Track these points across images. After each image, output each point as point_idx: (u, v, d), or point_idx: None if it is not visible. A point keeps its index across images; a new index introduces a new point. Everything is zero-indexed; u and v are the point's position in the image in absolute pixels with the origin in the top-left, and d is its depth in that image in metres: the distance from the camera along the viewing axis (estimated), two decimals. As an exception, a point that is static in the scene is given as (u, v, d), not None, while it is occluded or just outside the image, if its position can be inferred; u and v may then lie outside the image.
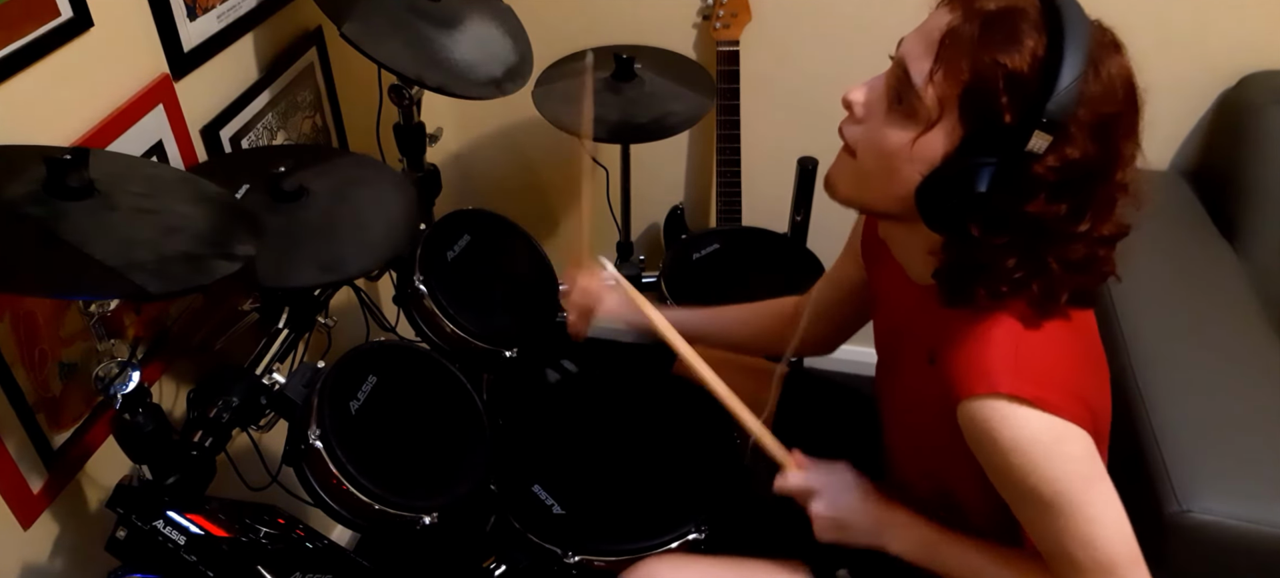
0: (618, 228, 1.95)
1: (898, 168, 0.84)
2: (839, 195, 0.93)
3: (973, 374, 0.84)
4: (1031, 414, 0.81)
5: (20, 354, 1.02)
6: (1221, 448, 1.24)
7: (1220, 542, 1.18)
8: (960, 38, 0.78)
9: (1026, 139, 0.76)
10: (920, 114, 0.81)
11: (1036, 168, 0.77)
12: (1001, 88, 0.76)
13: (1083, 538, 0.85)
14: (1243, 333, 1.43)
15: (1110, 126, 0.78)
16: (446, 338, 1.41)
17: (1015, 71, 0.76)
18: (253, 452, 1.24)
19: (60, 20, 1.02)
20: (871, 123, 0.87)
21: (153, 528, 1.05)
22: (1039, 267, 0.82)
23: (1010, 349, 0.84)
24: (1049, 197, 0.78)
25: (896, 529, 1.00)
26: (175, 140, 1.22)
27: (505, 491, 1.24)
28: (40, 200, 0.82)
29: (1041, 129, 0.75)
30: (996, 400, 0.82)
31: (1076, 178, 0.78)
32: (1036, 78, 0.76)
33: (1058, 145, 0.76)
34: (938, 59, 0.80)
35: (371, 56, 1.26)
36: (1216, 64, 1.70)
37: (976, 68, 0.77)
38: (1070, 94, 0.75)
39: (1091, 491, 0.85)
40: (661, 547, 1.17)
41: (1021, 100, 0.76)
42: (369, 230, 1.20)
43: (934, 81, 0.80)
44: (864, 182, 0.89)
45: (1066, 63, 0.75)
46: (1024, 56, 0.76)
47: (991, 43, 0.77)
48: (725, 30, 1.79)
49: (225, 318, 1.30)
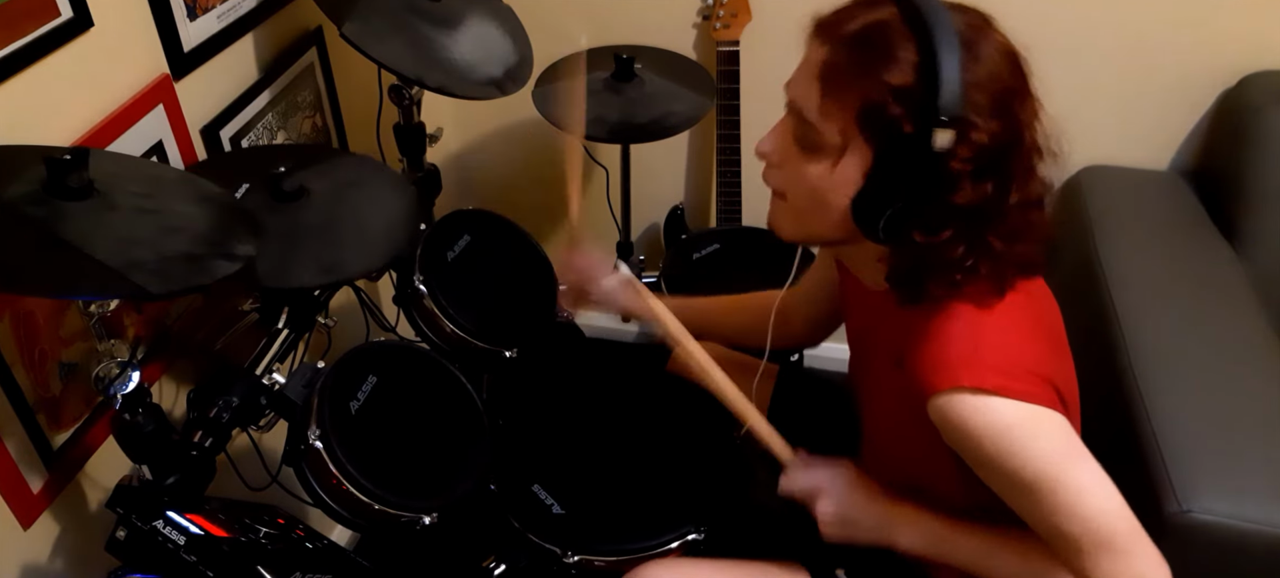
0: (618, 228, 1.95)
1: (826, 199, 0.88)
2: (785, 236, 0.97)
3: (935, 371, 0.86)
4: (998, 403, 0.83)
5: (20, 354, 1.02)
6: (1221, 448, 1.24)
7: (1220, 542, 1.18)
8: (838, 67, 0.82)
9: (930, 140, 0.78)
10: (826, 145, 0.85)
11: (952, 164, 0.79)
12: (890, 102, 0.79)
13: (1074, 515, 0.85)
14: (1243, 333, 1.43)
15: (1005, 100, 0.81)
16: (446, 338, 1.40)
17: (898, 84, 0.79)
18: (253, 452, 1.24)
19: (60, 20, 1.02)
20: (789, 166, 0.91)
21: (153, 528, 1.05)
22: (984, 248, 0.84)
23: (969, 342, 0.86)
24: (973, 183, 0.81)
25: (904, 525, 1.00)
26: (175, 140, 1.22)
27: (505, 491, 1.24)
28: (40, 200, 0.82)
29: (941, 127, 0.78)
30: (961, 394, 0.84)
31: (991, 158, 0.80)
32: (919, 82, 0.78)
33: (963, 135, 0.79)
34: (824, 94, 0.84)
35: (371, 56, 1.26)
36: (1216, 64, 1.70)
37: (861, 91, 0.81)
38: (956, 85, 0.77)
39: (1072, 467, 0.86)
40: (661, 547, 1.17)
41: (913, 107, 0.79)
42: (369, 231, 1.20)
43: (828, 114, 0.84)
44: (801, 218, 0.93)
45: (943, 59, 0.77)
46: (902, 67, 0.79)
47: (867, 63, 0.80)
48: (725, 30, 1.79)
49: (225, 318, 1.30)
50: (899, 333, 0.92)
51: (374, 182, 1.30)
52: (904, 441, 0.98)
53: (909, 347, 0.89)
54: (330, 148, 1.65)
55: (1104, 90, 1.76)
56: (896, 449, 1.04)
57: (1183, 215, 1.68)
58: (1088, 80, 1.74)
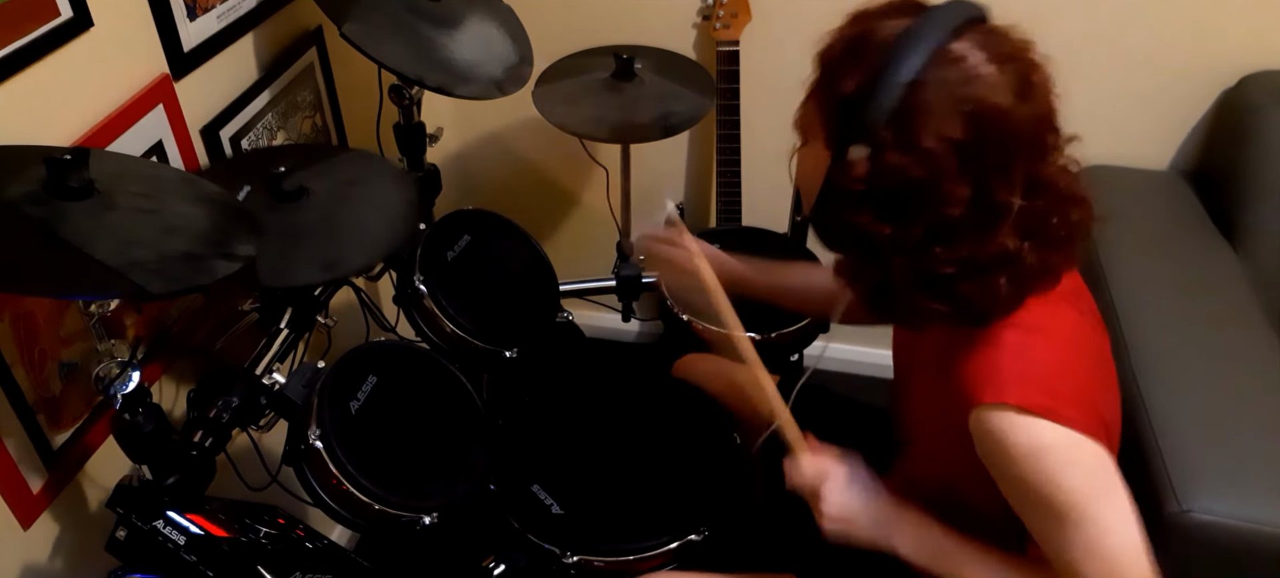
0: (618, 228, 1.95)
1: (805, 185, 0.91)
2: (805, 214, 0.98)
3: (982, 384, 0.84)
4: (1043, 425, 0.81)
5: (20, 354, 1.02)
6: (1221, 448, 1.24)
7: (1220, 542, 1.18)
8: (829, 59, 0.84)
9: (844, 151, 0.80)
10: (808, 135, 0.88)
11: (851, 180, 0.81)
12: (838, 107, 0.81)
13: (1094, 551, 0.84)
14: (1243, 333, 1.43)
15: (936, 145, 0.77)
16: (446, 338, 1.41)
17: (846, 93, 0.80)
18: (253, 452, 1.24)
19: (60, 20, 1.02)
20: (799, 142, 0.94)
21: (153, 528, 1.05)
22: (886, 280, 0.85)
23: (1020, 358, 0.84)
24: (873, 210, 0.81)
25: (906, 530, 0.99)
26: (175, 140, 1.22)
27: (505, 491, 1.24)
28: (40, 200, 0.82)
29: (858, 141, 0.79)
30: (1006, 411, 0.82)
31: (894, 193, 0.80)
32: (862, 95, 0.78)
33: (872, 157, 0.79)
34: (814, 82, 0.86)
35: (371, 56, 1.26)
36: (1216, 64, 1.70)
37: (829, 90, 0.82)
38: (882, 107, 0.77)
39: (1105, 503, 0.84)
40: (661, 547, 1.18)
41: (848, 117, 0.80)
42: (369, 227, 1.20)
43: (808, 106, 0.86)
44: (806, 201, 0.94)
45: (887, 75, 0.76)
46: (857, 76, 0.79)
47: (844, 64, 0.81)
48: (725, 30, 1.79)
49: (225, 318, 1.30)
50: (945, 343, 0.90)
51: (374, 177, 1.30)
52: (944, 452, 0.96)
53: (955, 358, 0.88)
54: (330, 146, 1.65)
55: (1104, 90, 1.76)
56: (936, 460, 1.02)
57: (1183, 215, 1.68)
58: (1088, 80, 1.74)
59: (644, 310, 2.00)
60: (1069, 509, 0.83)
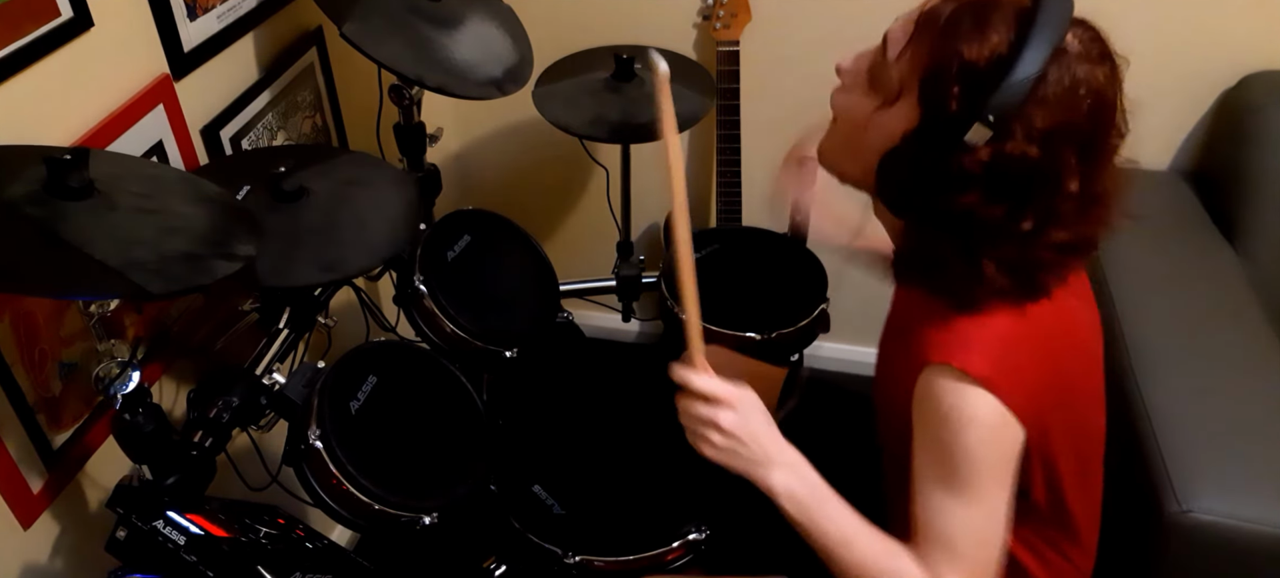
0: (618, 228, 1.95)
1: (863, 139, 0.86)
2: (823, 162, 0.95)
3: (936, 345, 0.85)
4: (980, 394, 0.82)
5: (20, 354, 1.02)
6: (1221, 448, 1.24)
7: (1220, 542, 1.18)
8: (933, 21, 0.80)
9: (965, 130, 0.76)
10: (886, 88, 0.83)
11: (967, 161, 0.77)
12: (954, 75, 0.77)
13: (975, 529, 0.85)
14: (1243, 333, 1.43)
15: (1060, 135, 0.77)
16: (446, 338, 1.41)
17: (970, 61, 0.76)
18: (253, 452, 1.24)
19: (60, 20, 1.02)
20: (852, 92, 0.89)
21: (153, 528, 1.05)
22: (974, 266, 0.82)
23: (984, 330, 0.84)
24: (984, 194, 0.79)
25: (785, 469, 0.93)
26: (175, 140, 1.22)
27: (505, 491, 1.24)
28: (40, 200, 0.82)
29: (982, 122, 0.75)
30: (950, 372, 0.83)
31: (1013, 178, 0.78)
32: (990, 71, 0.75)
33: (996, 141, 0.76)
34: (910, 39, 0.81)
35: (371, 56, 1.26)
36: (1216, 64, 1.70)
37: (936, 53, 0.78)
38: (1018, 92, 0.74)
39: (999, 490, 0.85)
40: (661, 547, 1.18)
41: (970, 91, 0.76)
42: (369, 229, 1.20)
43: (902, 59, 0.82)
44: (838, 149, 0.92)
45: (1023, 59, 0.74)
46: (983, 48, 0.76)
47: (958, 31, 0.77)
48: (725, 30, 1.79)
49: (225, 318, 1.30)
50: (915, 308, 0.91)
51: (374, 179, 1.30)
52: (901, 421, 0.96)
53: (919, 320, 0.89)
54: (330, 147, 1.65)
55: (1104, 90, 1.76)
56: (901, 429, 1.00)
57: (1183, 215, 1.68)
58: (1088, 80, 1.74)
59: (644, 310, 2.00)
60: (970, 484, 0.84)
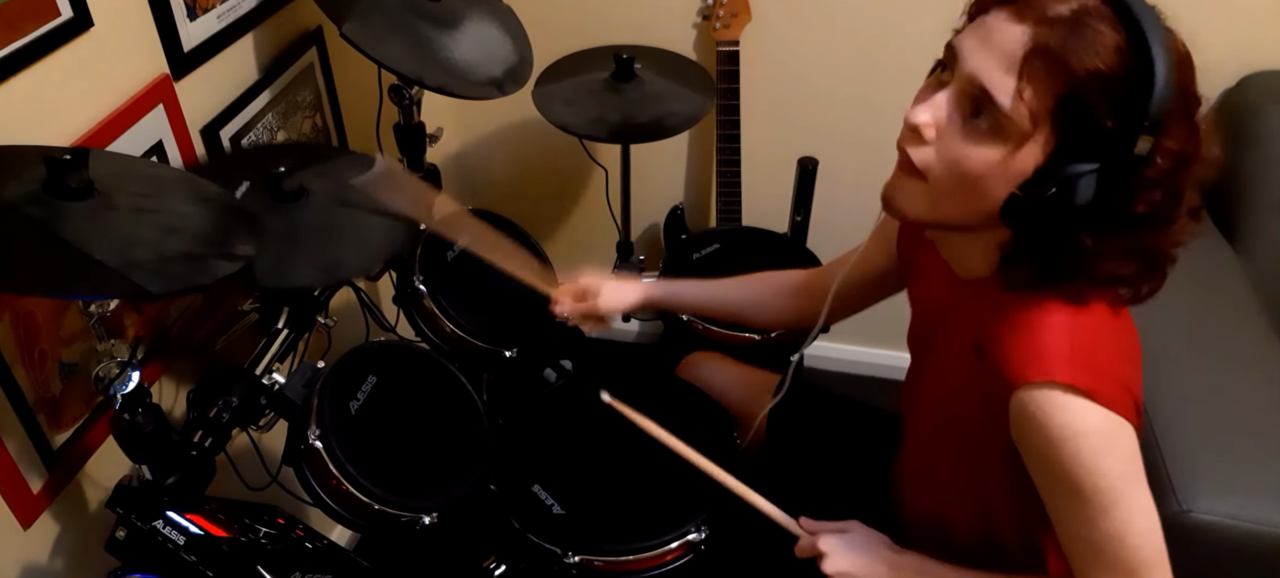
0: (618, 228, 1.95)
1: (985, 187, 0.81)
2: (909, 215, 0.89)
3: (1028, 363, 0.83)
4: (1086, 406, 0.81)
5: (20, 354, 1.02)
6: (1222, 448, 1.24)
7: (1220, 542, 1.18)
8: (1048, 50, 0.75)
9: (1132, 142, 0.75)
10: (1009, 132, 0.78)
11: (1146, 171, 0.76)
12: (1099, 93, 0.74)
13: (1117, 535, 0.84)
14: (1243, 333, 1.43)
15: (1190, 108, 0.78)
16: (446, 338, 1.40)
17: (1108, 73, 0.74)
18: (253, 452, 1.24)
19: (60, 20, 1.02)
20: (946, 143, 0.82)
21: (152, 528, 1.05)
22: (1139, 254, 0.82)
23: (1066, 337, 0.83)
24: (1155, 193, 0.78)
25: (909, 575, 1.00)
26: (175, 140, 1.22)
27: (505, 491, 1.24)
28: (40, 200, 0.82)
29: (1145, 132, 0.74)
30: (1052, 390, 0.81)
31: (1176, 170, 0.78)
32: (1126, 75, 0.74)
33: (1160, 143, 0.75)
34: (1023, 75, 0.76)
35: (371, 56, 1.26)
36: (1216, 64, 1.69)
37: (1070, 78, 0.75)
38: (1168, 92, 0.74)
39: (1132, 489, 0.84)
40: (661, 547, 1.18)
41: (1117, 100, 0.74)
42: (369, 229, 1.20)
43: (1024, 98, 0.76)
44: (941, 201, 0.85)
45: (1158, 61, 0.73)
46: (1110, 56, 0.74)
47: (1078, 49, 0.74)
48: (725, 30, 1.79)
49: (225, 318, 1.30)
50: (982, 321, 0.89)
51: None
52: (962, 432, 0.96)
53: (994, 336, 0.86)
54: (330, 147, 1.65)
55: (1104, 90, 1.76)
56: (951, 440, 1.01)
57: (1183, 215, 1.68)
58: (1088, 80, 1.74)
59: (642, 312, 2.00)
60: (1098, 493, 0.83)
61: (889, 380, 2.10)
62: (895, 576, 1.00)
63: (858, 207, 1.92)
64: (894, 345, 1.26)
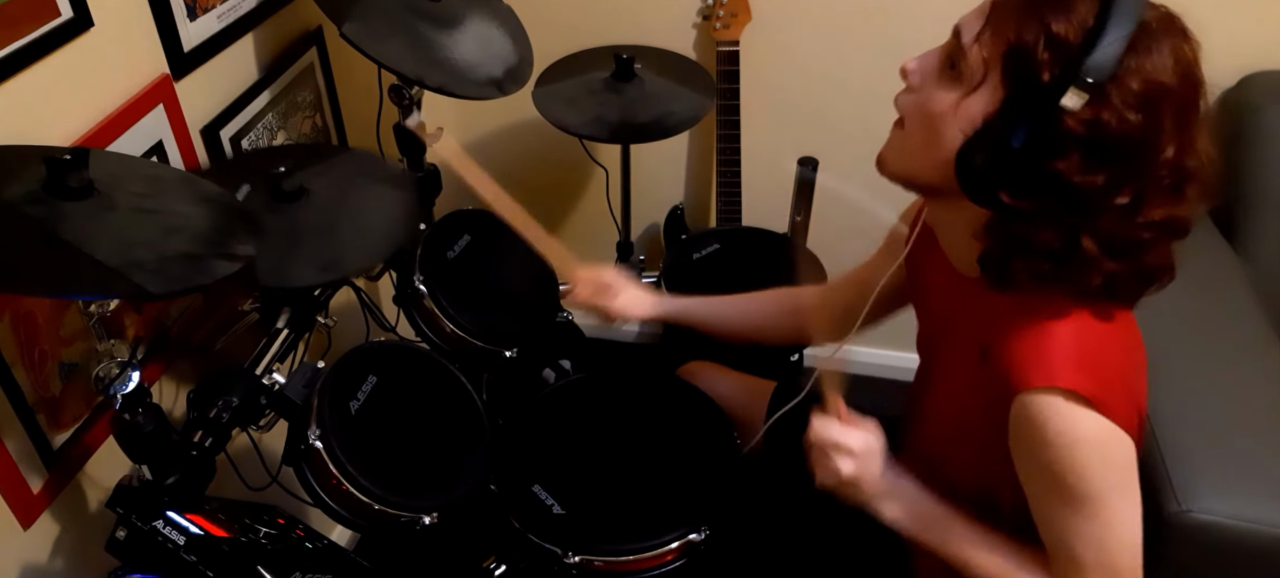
0: (618, 228, 1.95)
1: (941, 132, 0.84)
2: (887, 170, 0.92)
3: (1032, 367, 0.83)
4: (1087, 414, 0.81)
5: (20, 354, 1.02)
6: (1221, 448, 1.24)
7: (1220, 542, 1.18)
8: (1010, 2, 0.79)
9: (1061, 95, 0.75)
10: (966, 76, 0.82)
11: (1068, 123, 0.76)
12: (1043, 46, 0.76)
13: (1097, 541, 0.85)
14: (1243, 333, 1.43)
15: (1157, 100, 0.77)
16: (446, 338, 1.40)
17: (1058, 34, 0.75)
18: (253, 452, 1.24)
19: (60, 20, 1.02)
20: (923, 90, 0.87)
21: (153, 528, 1.05)
22: (1073, 243, 0.81)
23: (1072, 342, 0.83)
24: (1083, 160, 0.77)
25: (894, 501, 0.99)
26: (175, 140, 1.22)
27: (505, 491, 1.24)
28: (40, 200, 0.82)
29: (1078, 87, 0.75)
30: (1053, 395, 0.81)
31: (1113, 145, 0.77)
32: (1079, 40, 0.75)
33: (1094, 105, 0.75)
34: (987, 21, 0.80)
35: (371, 56, 1.26)
36: (1216, 64, 1.66)
37: (1021, 28, 0.77)
38: (1110, 54, 0.74)
39: (1120, 499, 0.85)
40: (662, 547, 1.17)
41: (1061, 58, 0.76)
42: (369, 228, 1.20)
43: (981, 42, 0.80)
44: (910, 152, 0.89)
45: (1111, 24, 0.74)
46: (1072, 22, 0.75)
47: (1041, 6, 0.77)
48: (725, 30, 1.79)
49: (225, 318, 1.30)
50: (987, 324, 0.89)
51: (374, 178, 1.30)
52: (967, 435, 0.96)
53: (999, 339, 0.87)
54: (330, 146, 1.65)
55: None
56: (955, 443, 1.01)
57: (1183, 215, 1.68)
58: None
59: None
60: (1087, 499, 0.83)
61: (891, 381, 2.10)
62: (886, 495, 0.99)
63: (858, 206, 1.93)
64: (898, 347, 1.26)
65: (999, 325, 0.87)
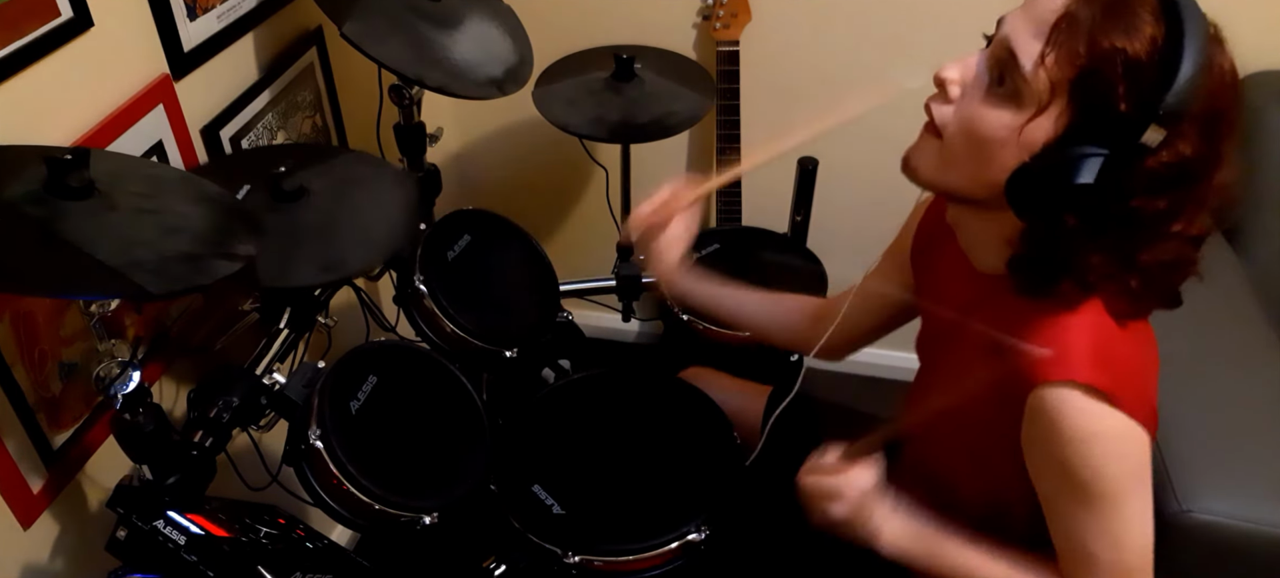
0: (618, 228, 1.95)
1: (993, 152, 0.80)
2: (919, 177, 0.89)
3: (1050, 361, 0.82)
4: (1104, 408, 0.80)
5: (20, 354, 1.02)
6: (1221, 448, 1.24)
7: (1220, 542, 1.18)
8: (1077, 21, 0.75)
9: (1141, 130, 0.73)
10: (1026, 97, 0.78)
11: (1149, 162, 0.74)
12: (1120, 74, 0.73)
13: (1111, 539, 0.85)
14: (1243, 333, 1.43)
15: (1218, 123, 0.76)
16: (446, 338, 1.40)
17: (1134, 58, 0.73)
18: (253, 452, 1.24)
19: (60, 20, 1.02)
20: (966, 103, 0.83)
21: (153, 528, 1.05)
22: (1129, 264, 0.80)
23: (1090, 339, 0.82)
24: (1155, 192, 0.76)
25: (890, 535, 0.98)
26: (175, 140, 1.22)
27: (505, 491, 1.24)
28: (40, 200, 0.82)
29: (1157, 122, 0.73)
30: (1072, 389, 0.80)
31: (1182, 175, 0.76)
32: (1154, 66, 0.73)
33: (1171, 140, 0.74)
34: (1051, 40, 0.76)
35: (371, 56, 1.26)
36: (1216, 64, 1.69)
37: (1094, 51, 0.74)
38: (1190, 87, 0.72)
39: (1134, 496, 0.84)
40: (662, 547, 1.18)
41: (1138, 89, 0.73)
42: (369, 228, 1.20)
43: (1046, 64, 0.76)
44: (949, 163, 0.85)
45: (1187, 53, 0.72)
46: (1143, 43, 0.73)
47: (1110, 27, 0.74)
48: (725, 30, 1.79)
49: (225, 318, 1.30)
50: (1004, 319, 0.87)
51: (374, 178, 1.30)
52: (975, 435, 0.95)
53: (1017, 334, 0.85)
54: (330, 146, 1.65)
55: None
56: (963, 445, 1.00)
57: (1183, 215, 1.68)
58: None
59: (644, 310, 2.01)
60: (1101, 496, 0.83)
61: (892, 382, 2.10)
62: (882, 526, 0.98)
63: (858, 206, 1.93)
64: (898, 347, 1.26)
65: (1014, 321, 0.86)
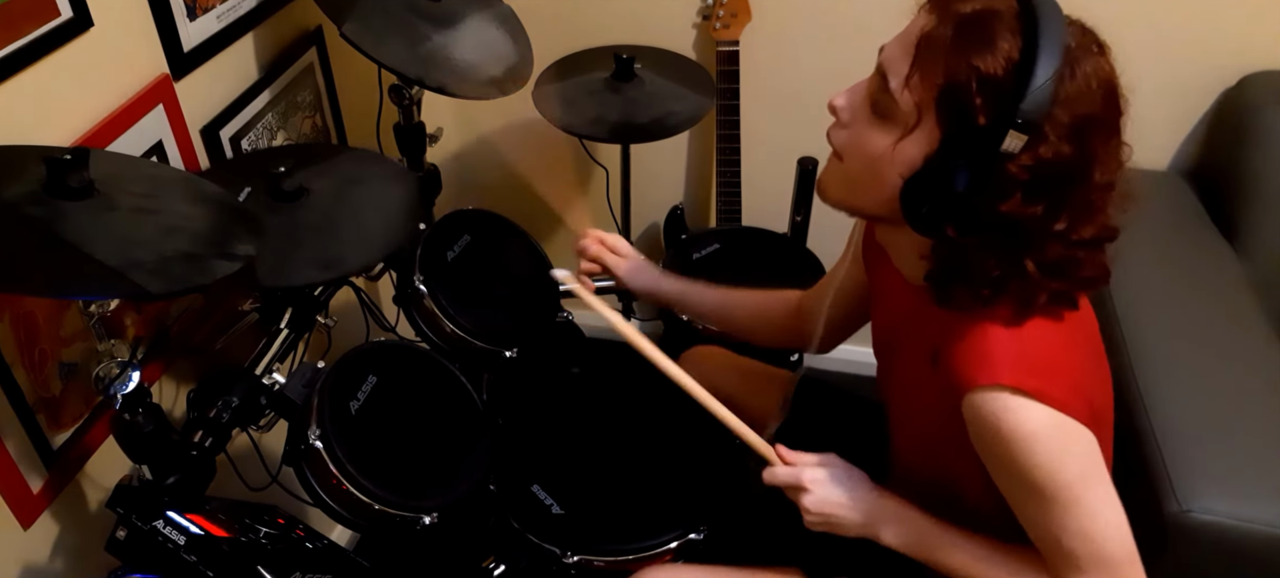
0: (618, 228, 1.95)
1: (881, 171, 0.86)
2: (829, 199, 0.95)
3: (975, 367, 0.84)
4: (1034, 406, 0.82)
5: (20, 354, 1.02)
6: (1221, 448, 1.24)
7: (1220, 542, 1.18)
8: (935, 41, 0.80)
9: (1001, 139, 0.77)
10: (898, 118, 0.83)
11: (1010, 167, 0.78)
12: (975, 89, 0.77)
13: (1080, 532, 0.86)
14: (1243, 333, 1.43)
15: (1086, 128, 0.79)
16: (446, 338, 1.40)
17: (988, 73, 0.77)
18: (253, 452, 1.24)
19: (60, 20, 1.02)
20: (855, 127, 0.89)
21: (153, 528, 1.05)
22: (1016, 269, 0.83)
23: (1013, 341, 0.84)
24: (1024, 197, 0.79)
25: (889, 522, 1.00)
26: (175, 140, 1.22)
27: (505, 491, 1.24)
28: (40, 200, 0.82)
29: (1016, 129, 0.76)
30: (999, 392, 0.83)
31: (1051, 178, 0.78)
32: (1010, 78, 0.76)
33: (1032, 145, 0.77)
34: (914, 63, 0.81)
35: (371, 56, 1.26)
36: (1216, 64, 1.69)
37: (950, 71, 0.78)
38: (1044, 94, 0.75)
39: (1090, 486, 0.86)
40: (660, 547, 1.18)
41: (995, 101, 0.77)
42: (369, 226, 1.20)
43: (910, 86, 0.82)
44: (852, 185, 0.91)
45: (1040, 63, 0.75)
46: (997, 59, 0.77)
47: (966, 45, 0.78)
48: (725, 30, 1.79)
49: (225, 318, 1.30)
50: (937, 329, 0.90)
51: (374, 176, 1.30)
52: (934, 440, 0.97)
53: (947, 343, 0.88)
54: (330, 145, 1.65)
55: (1104, 90, 1.76)
56: (926, 449, 1.03)
57: (1183, 215, 1.68)
58: (1088, 80, 1.74)
59: (644, 310, 2.01)
60: (1057, 491, 0.84)
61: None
62: (875, 519, 1.00)
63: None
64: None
65: (945, 330, 0.89)
